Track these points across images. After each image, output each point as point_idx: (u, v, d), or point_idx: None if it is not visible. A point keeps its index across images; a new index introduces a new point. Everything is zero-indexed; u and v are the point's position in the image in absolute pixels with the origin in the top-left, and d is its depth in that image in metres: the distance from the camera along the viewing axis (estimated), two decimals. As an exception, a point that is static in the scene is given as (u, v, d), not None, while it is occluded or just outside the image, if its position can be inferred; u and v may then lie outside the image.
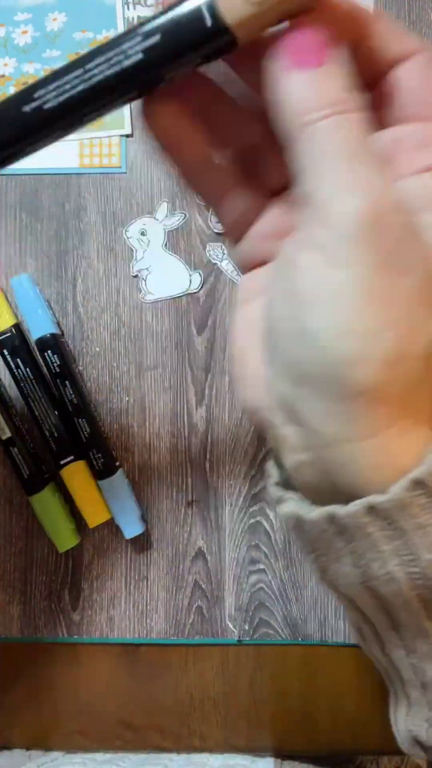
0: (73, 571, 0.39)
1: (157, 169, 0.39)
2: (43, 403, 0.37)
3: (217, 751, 0.39)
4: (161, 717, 0.39)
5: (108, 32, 0.39)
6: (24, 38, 0.39)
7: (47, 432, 0.37)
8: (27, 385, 0.37)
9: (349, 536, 0.19)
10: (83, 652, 0.39)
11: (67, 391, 0.37)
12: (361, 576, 0.19)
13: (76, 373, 0.38)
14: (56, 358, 0.36)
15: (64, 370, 0.37)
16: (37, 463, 0.37)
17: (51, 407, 0.37)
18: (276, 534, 0.38)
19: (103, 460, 0.37)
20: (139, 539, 0.39)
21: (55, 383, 0.37)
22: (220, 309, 0.39)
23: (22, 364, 0.37)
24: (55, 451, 0.37)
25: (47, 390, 0.37)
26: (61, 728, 0.39)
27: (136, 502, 0.38)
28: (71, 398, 0.37)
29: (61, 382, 0.37)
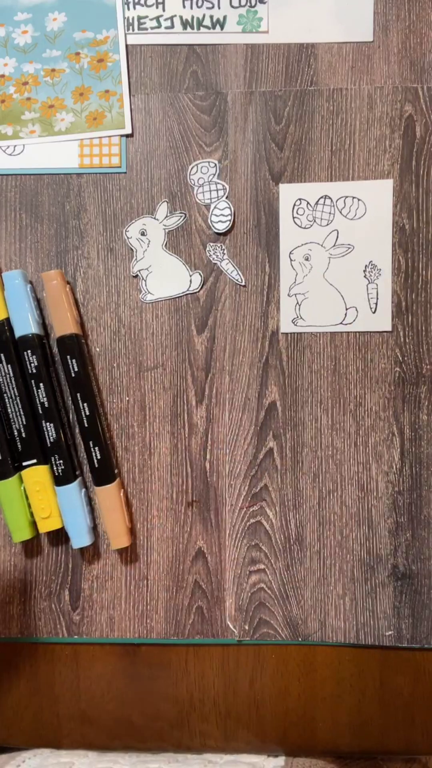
0: (73, 571, 0.39)
1: (158, 169, 0.39)
2: (17, 402, 0.37)
3: (216, 751, 0.39)
4: (161, 717, 0.39)
5: (108, 32, 0.39)
6: (24, 38, 0.39)
7: (15, 431, 0.37)
8: (5, 381, 0.37)
9: None
10: (83, 652, 0.39)
11: (40, 393, 0.37)
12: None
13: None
14: (34, 359, 0.36)
15: (40, 371, 0.37)
16: (11, 451, 0.37)
17: (24, 404, 0.37)
18: (276, 534, 0.38)
19: (63, 468, 0.37)
20: (139, 540, 0.39)
21: (28, 384, 0.37)
22: (220, 309, 0.39)
23: (5, 359, 0.37)
24: (20, 451, 0.37)
25: (26, 387, 0.37)
26: (61, 728, 0.39)
27: (89, 513, 0.38)
28: (42, 401, 0.37)
29: (35, 384, 0.37)
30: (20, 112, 0.39)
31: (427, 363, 0.38)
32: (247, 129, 0.39)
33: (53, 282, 0.37)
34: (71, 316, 0.37)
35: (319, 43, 0.39)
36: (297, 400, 0.38)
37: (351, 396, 0.38)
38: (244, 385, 0.39)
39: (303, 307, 0.38)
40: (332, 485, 0.38)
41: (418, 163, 0.38)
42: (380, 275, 0.38)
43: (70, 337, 0.37)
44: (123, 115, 0.39)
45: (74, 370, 0.37)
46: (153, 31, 0.39)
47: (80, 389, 0.37)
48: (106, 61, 0.39)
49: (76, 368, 0.37)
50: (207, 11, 0.39)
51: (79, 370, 0.37)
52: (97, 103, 0.39)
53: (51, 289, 0.37)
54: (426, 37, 0.38)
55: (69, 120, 0.39)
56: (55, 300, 0.37)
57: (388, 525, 0.38)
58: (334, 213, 0.38)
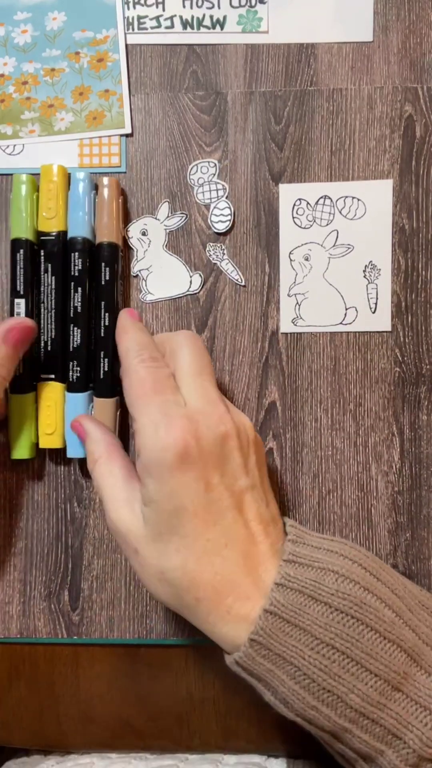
0: (72, 571, 0.39)
1: (157, 169, 0.39)
2: (52, 315, 0.37)
3: (216, 751, 0.39)
4: (161, 717, 0.39)
5: (108, 32, 0.39)
6: (24, 38, 0.39)
7: (42, 343, 0.37)
8: (46, 291, 0.37)
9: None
10: (83, 652, 0.39)
11: (76, 296, 0.37)
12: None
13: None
14: (80, 262, 0.37)
15: (82, 276, 0.37)
16: (32, 367, 0.37)
17: (57, 319, 0.37)
18: (276, 534, 0.38)
19: (78, 375, 0.37)
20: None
21: (67, 285, 0.37)
22: (220, 309, 0.39)
23: (51, 270, 0.37)
24: (42, 363, 0.37)
25: (63, 301, 0.37)
26: (61, 728, 0.39)
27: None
28: (76, 305, 0.37)
29: (74, 287, 0.37)
30: (20, 112, 0.39)
31: (427, 363, 0.38)
32: (247, 129, 0.39)
33: (107, 188, 0.37)
34: (116, 225, 0.37)
35: (319, 43, 0.39)
36: (297, 400, 0.38)
37: (351, 396, 0.38)
38: (244, 385, 0.39)
39: (303, 307, 0.38)
40: (332, 485, 0.38)
41: (418, 163, 0.38)
42: (380, 275, 0.38)
43: (110, 245, 0.37)
44: (123, 115, 0.39)
45: (105, 279, 0.37)
46: (153, 30, 0.39)
47: (105, 298, 0.37)
48: (106, 61, 0.39)
49: (107, 277, 0.37)
50: (207, 11, 0.39)
51: (110, 279, 0.37)
52: (96, 102, 0.39)
53: (103, 195, 0.37)
54: (426, 37, 0.38)
55: (69, 120, 0.39)
56: (105, 206, 0.37)
57: (387, 525, 0.38)
58: (334, 213, 0.38)
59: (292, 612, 0.29)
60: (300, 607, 0.29)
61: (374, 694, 0.28)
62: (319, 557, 0.30)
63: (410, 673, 0.28)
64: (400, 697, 0.28)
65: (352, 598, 0.29)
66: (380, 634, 0.28)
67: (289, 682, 0.29)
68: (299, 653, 0.29)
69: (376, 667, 0.28)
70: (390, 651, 0.28)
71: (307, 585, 0.29)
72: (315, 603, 0.29)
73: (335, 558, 0.30)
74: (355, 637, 0.28)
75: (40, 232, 0.37)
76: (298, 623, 0.29)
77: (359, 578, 0.29)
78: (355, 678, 0.28)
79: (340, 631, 0.28)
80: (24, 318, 0.36)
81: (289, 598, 0.29)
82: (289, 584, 0.29)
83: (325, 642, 0.28)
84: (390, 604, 0.29)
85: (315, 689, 0.28)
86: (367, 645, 0.28)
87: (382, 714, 0.28)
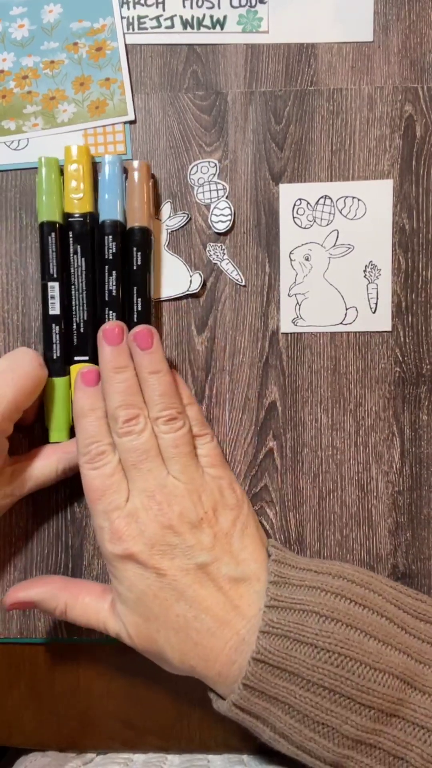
0: (73, 571, 0.39)
1: (158, 169, 0.39)
2: (83, 296, 0.37)
3: (216, 751, 0.39)
4: (161, 717, 0.39)
5: (105, 20, 0.39)
6: (21, 32, 0.39)
7: (75, 325, 0.37)
8: (76, 273, 0.37)
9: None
10: (83, 652, 0.39)
11: (111, 280, 0.37)
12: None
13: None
14: (114, 245, 0.37)
15: (116, 259, 0.37)
16: (67, 348, 0.37)
17: (89, 300, 0.37)
18: (276, 534, 0.38)
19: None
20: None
21: (100, 274, 0.37)
22: (220, 309, 0.39)
23: (81, 251, 0.37)
24: (75, 345, 0.37)
25: (93, 282, 0.37)
26: (61, 728, 0.39)
27: None
28: (111, 288, 0.37)
29: (109, 270, 0.37)
30: (22, 106, 0.39)
31: (427, 363, 0.38)
32: (247, 129, 0.39)
33: (137, 172, 0.37)
34: (147, 209, 0.37)
35: (319, 43, 0.39)
36: (297, 400, 0.38)
37: (351, 396, 0.38)
38: (244, 385, 0.39)
39: (303, 307, 0.38)
40: (332, 485, 0.38)
41: (418, 163, 0.38)
42: (380, 275, 0.38)
43: (141, 230, 0.37)
44: (125, 102, 0.39)
45: (137, 263, 0.37)
46: (153, 30, 0.39)
47: (138, 283, 0.37)
48: (105, 49, 0.39)
49: (139, 262, 0.37)
50: (207, 11, 0.39)
51: (142, 264, 0.37)
52: (98, 91, 0.39)
53: (134, 179, 0.37)
54: (426, 37, 0.38)
55: (71, 111, 0.39)
56: (136, 190, 0.37)
57: (388, 525, 0.38)
58: (334, 213, 0.38)
59: (278, 657, 0.30)
60: (286, 651, 0.30)
61: (369, 723, 0.28)
62: (301, 598, 0.31)
63: (405, 698, 0.29)
64: (397, 722, 0.29)
65: (336, 636, 0.29)
66: (369, 666, 0.29)
67: (285, 717, 0.30)
68: (291, 693, 0.29)
69: (368, 699, 0.28)
70: (381, 680, 0.29)
71: (291, 629, 0.30)
72: (301, 645, 0.30)
73: (317, 595, 0.31)
74: (344, 674, 0.29)
75: (67, 213, 0.37)
76: (286, 667, 0.30)
77: (342, 615, 0.30)
78: (347, 710, 0.29)
79: (328, 670, 0.29)
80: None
81: (274, 644, 0.30)
82: (273, 630, 0.30)
83: (314, 682, 0.29)
84: (375, 634, 0.30)
85: (309, 723, 0.29)
86: (357, 679, 0.29)
87: (379, 739, 0.29)
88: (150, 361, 0.35)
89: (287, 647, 0.30)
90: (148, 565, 0.32)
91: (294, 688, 0.29)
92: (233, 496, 0.35)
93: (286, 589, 0.32)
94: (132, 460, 0.34)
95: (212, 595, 0.32)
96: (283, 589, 0.32)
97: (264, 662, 0.30)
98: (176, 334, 0.39)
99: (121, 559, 0.32)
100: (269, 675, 0.30)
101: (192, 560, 0.32)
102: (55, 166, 0.37)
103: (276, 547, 0.35)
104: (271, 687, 0.30)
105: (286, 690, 0.30)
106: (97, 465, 0.34)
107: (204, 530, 0.33)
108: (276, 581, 0.32)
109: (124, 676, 0.39)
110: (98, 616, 0.34)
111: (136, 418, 0.34)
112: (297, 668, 0.29)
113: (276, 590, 0.32)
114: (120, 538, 0.32)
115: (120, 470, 0.34)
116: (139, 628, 0.33)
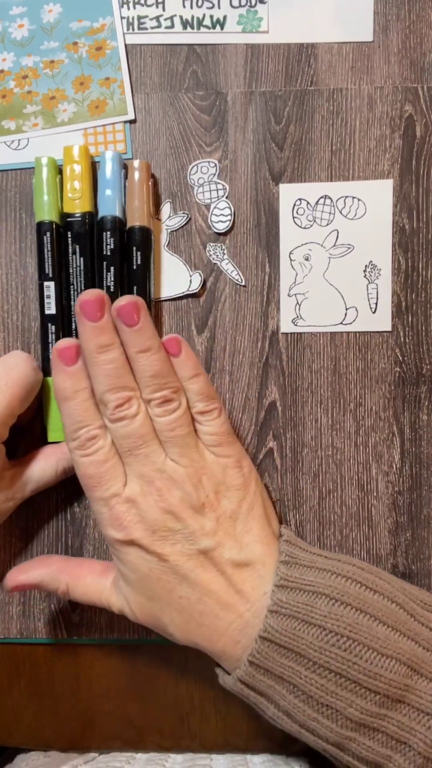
0: (73, 571, 0.39)
1: (158, 169, 0.39)
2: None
3: (216, 751, 0.39)
4: (161, 717, 0.39)
5: (104, 19, 0.39)
6: (20, 32, 0.39)
7: (73, 325, 0.37)
8: (75, 273, 0.37)
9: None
10: (83, 652, 0.39)
11: (109, 276, 0.36)
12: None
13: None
14: (112, 241, 0.36)
15: (114, 255, 0.36)
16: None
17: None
18: (276, 534, 0.38)
19: None
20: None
21: (99, 271, 0.37)
22: (220, 309, 0.39)
23: (79, 251, 0.37)
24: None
25: (92, 282, 0.37)
26: (61, 728, 0.39)
27: None
28: (109, 284, 0.36)
29: (107, 267, 0.37)
30: (22, 106, 0.39)
31: (427, 363, 0.38)
32: (247, 129, 0.39)
33: (138, 172, 0.37)
34: (147, 209, 0.37)
35: (319, 43, 0.39)
36: (297, 400, 0.38)
37: (351, 396, 0.38)
38: (244, 385, 0.39)
39: (303, 307, 0.38)
40: (332, 485, 0.38)
41: (418, 163, 0.38)
42: (380, 275, 0.38)
43: (141, 229, 0.37)
44: (125, 102, 0.39)
45: (136, 263, 0.37)
46: (153, 30, 0.39)
47: (137, 282, 0.37)
48: (105, 49, 0.39)
49: (138, 261, 0.37)
50: (207, 11, 0.39)
51: (141, 263, 0.37)
52: (98, 91, 0.39)
53: (134, 178, 0.37)
54: (426, 37, 0.38)
55: (71, 110, 0.39)
56: (136, 190, 0.37)
57: (388, 525, 0.38)
58: (334, 213, 0.38)
59: (286, 637, 0.29)
60: (294, 632, 0.29)
61: (373, 708, 0.28)
62: (311, 579, 0.31)
63: (412, 684, 0.29)
64: (403, 707, 0.28)
65: (345, 619, 0.29)
66: (377, 651, 0.29)
67: (289, 696, 0.30)
68: (296, 674, 0.29)
69: (374, 684, 0.28)
70: (388, 666, 0.29)
71: (300, 609, 0.30)
72: (309, 626, 0.29)
73: (327, 578, 0.31)
74: (351, 658, 0.29)
75: (65, 213, 0.37)
76: (293, 648, 0.29)
77: (351, 599, 0.30)
78: (353, 694, 0.29)
79: (335, 654, 0.29)
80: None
81: (282, 623, 0.30)
82: (282, 610, 0.30)
83: (320, 664, 0.29)
84: (385, 619, 0.30)
85: (314, 704, 0.29)
86: (364, 664, 0.29)
87: (383, 723, 0.28)
88: (138, 339, 0.32)
89: (295, 628, 0.29)
90: (150, 550, 0.32)
91: (300, 669, 0.29)
92: (239, 476, 0.33)
93: (297, 569, 0.31)
94: (127, 446, 0.32)
95: (215, 580, 0.32)
96: (293, 570, 0.31)
97: (271, 641, 0.30)
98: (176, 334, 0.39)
99: (123, 544, 0.32)
100: (275, 654, 0.30)
101: (194, 545, 0.32)
102: (52, 166, 0.37)
103: (288, 528, 0.35)
104: (277, 666, 0.30)
105: (291, 670, 0.29)
106: (89, 452, 0.32)
107: (206, 514, 0.32)
108: (287, 561, 0.32)
109: (124, 675, 0.39)
110: (101, 595, 0.34)
111: (128, 402, 0.32)
112: (304, 649, 0.29)
113: (286, 570, 0.31)
114: (120, 525, 0.32)
115: (114, 454, 0.33)
116: (143, 606, 0.32)
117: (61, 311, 0.37)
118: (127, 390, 0.32)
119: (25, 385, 0.34)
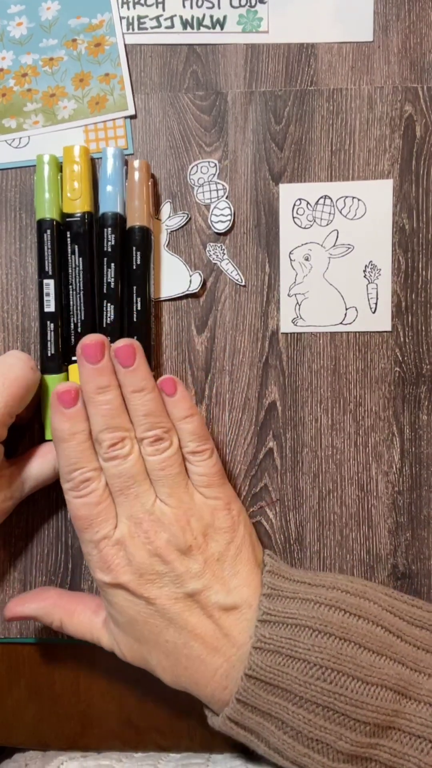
0: (72, 571, 0.39)
1: (158, 169, 0.39)
2: (80, 296, 0.37)
3: (217, 750, 0.39)
4: (161, 717, 0.39)
5: (103, 16, 0.39)
6: (19, 30, 0.39)
7: (72, 325, 0.37)
8: (74, 273, 0.37)
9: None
10: (83, 652, 0.39)
11: (109, 272, 0.36)
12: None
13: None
14: (113, 238, 0.36)
15: (115, 251, 0.36)
16: (64, 347, 0.37)
17: (87, 300, 0.37)
18: (276, 534, 0.38)
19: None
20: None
21: (101, 262, 0.37)
22: (220, 309, 0.39)
23: (79, 251, 0.37)
24: (73, 344, 0.37)
25: (91, 282, 0.37)
26: (61, 728, 0.39)
27: None
28: (110, 281, 0.36)
29: (107, 263, 0.36)
30: (22, 104, 0.39)
31: (427, 363, 0.38)
32: (247, 129, 0.39)
33: (138, 171, 0.37)
34: (147, 209, 0.37)
35: (319, 43, 0.39)
36: (297, 400, 0.38)
37: (351, 396, 0.38)
38: (244, 385, 0.39)
39: (303, 307, 0.38)
40: (332, 485, 0.38)
41: (418, 163, 0.38)
42: (380, 275, 0.38)
43: (141, 229, 0.37)
44: (125, 97, 0.39)
45: (136, 263, 0.37)
46: (153, 30, 0.39)
47: (138, 283, 0.37)
48: (104, 45, 0.39)
49: (138, 261, 0.37)
50: (207, 11, 0.39)
51: (141, 264, 0.37)
52: (98, 87, 0.39)
53: (134, 178, 0.37)
54: (426, 37, 0.38)
55: (71, 107, 0.39)
56: (136, 190, 0.37)
57: (387, 525, 0.38)
58: (334, 213, 0.38)
59: (270, 674, 0.29)
60: (279, 668, 0.29)
61: (364, 738, 0.28)
62: (293, 612, 0.31)
63: (400, 709, 0.29)
64: (393, 733, 0.28)
65: (329, 650, 0.29)
66: (361, 680, 0.29)
67: (278, 733, 0.30)
68: (284, 710, 0.29)
69: (362, 714, 0.28)
70: (374, 693, 0.29)
71: (284, 644, 0.30)
72: (293, 661, 0.29)
73: (310, 609, 0.31)
74: (336, 690, 0.29)
75: (65, 213, 0.37)
76: (278, 684, 0.29)
77: (335, 628, 0.30)
78: (341, 727, 0.29)
79: (321, 687, 0.29)
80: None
81: (266, 660, 0.30)
82: (265, 646, 0.30)
83: (307, 698, 0.29)
84: (370, 645, 0.30)
85: (303, 739, 0.29)
86: (350, 695, 0.29)
87: (375, 752, 0.28)
88: (133, 379, 0.33)
89: (279, 663, 0.30)
90: (138, 593, 0.32)
91: (287, 705, 0.29)
92: (227, 518, 0.34)
93: (279, 602, 0.31)
94: (118, 485, 0.33)
95: (202, 624, 0.32)
96: (275, 603, 0.31)
97: (256, 678, 0.30)
98: (176, 334, 0.39)
99: (111, 587, 0.32)
100: (261, 691, 0.30)
101: (181, 588, 0.32)
102: (54, 164, 0.37)
103: (271, 557, 0.34)
104: (264, 703, 0.30)
105: (278, 706, 0.29)
106: (82, 493, 0.33)
107: (194, 557, 0.32)
108: (269, 594, 0.32)
109: (124, 675, 0.39)
110: (92, 633, 0.34)
111: (121, 442, 0.33)
112: (289, 684, 0.29)
113: (269, 603, 0.31)
114: (108, 567, 0.32)
115: (107, 496, 0.33)
116: (131, 647, 0.33)
117: (60, 310, 0.37)
118: (122, 430, 0.33)
119: (23, 384, 0.34)
